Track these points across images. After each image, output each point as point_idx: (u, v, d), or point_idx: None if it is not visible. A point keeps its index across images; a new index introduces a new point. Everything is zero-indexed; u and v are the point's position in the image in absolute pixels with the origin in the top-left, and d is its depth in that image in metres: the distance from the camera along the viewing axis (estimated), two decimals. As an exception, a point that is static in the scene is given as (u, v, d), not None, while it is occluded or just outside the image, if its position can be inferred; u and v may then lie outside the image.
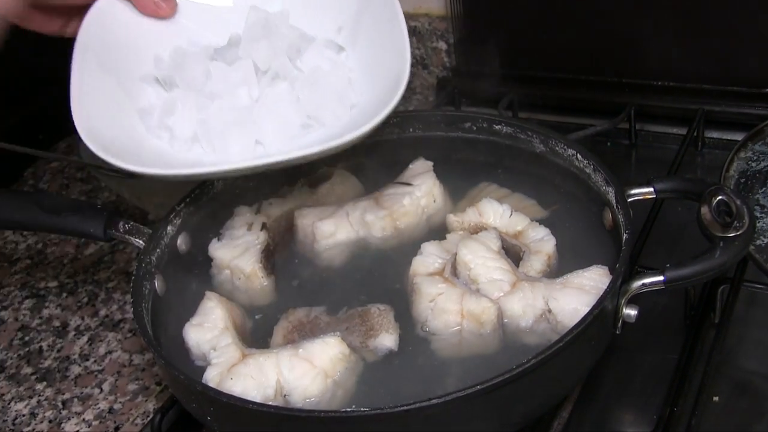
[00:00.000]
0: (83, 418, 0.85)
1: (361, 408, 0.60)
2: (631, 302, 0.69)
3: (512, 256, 0.79)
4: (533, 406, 0.67)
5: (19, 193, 1.06)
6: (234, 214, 0.88)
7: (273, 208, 0.89)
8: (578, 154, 0.84)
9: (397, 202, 0.87)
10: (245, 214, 0.88)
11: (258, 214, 0.88)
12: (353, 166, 0.95)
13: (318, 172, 0.94)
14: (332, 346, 0.70)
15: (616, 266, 0.69)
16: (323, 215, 0.87)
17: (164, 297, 0.80)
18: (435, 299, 0.74)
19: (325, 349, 0.70)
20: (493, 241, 0.78)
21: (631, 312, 0.69)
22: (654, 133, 1.15)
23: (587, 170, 0.83)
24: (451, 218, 0.85)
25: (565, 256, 0.80)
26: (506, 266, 0.76)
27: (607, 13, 1.13)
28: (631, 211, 0.74)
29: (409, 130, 0.95)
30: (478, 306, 0.72)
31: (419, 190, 0.88)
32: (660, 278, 0.68)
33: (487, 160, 0.92)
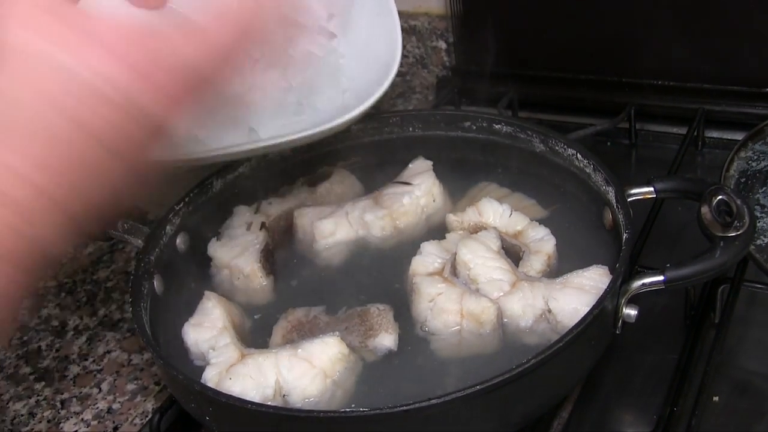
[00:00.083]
0: (82, 418, 0.85)
1: (361, 408, 0.60)
2: (631, 302, 0.69)
3: (512, 256, 0.79)
4: (533, 406, 0.67)
5: (18, 193, 1.06)
6: (233, 214, 0.88)
7: (272, 208, 0.89)
8: (578, 154, 0.83)
9: (396, 202, 0.87)
10: (244, 214, 0.88)
11: (257, 213, 0.88)
12: (353, 165, 0.95)
13: (317, 171, 0.94)
14: (331, 346, 0.70)
15: (616, 266, 0.69)
16: (322, 214, 0.87)
17: (163, 296, 0.79)
18: (434, 299, 0.73)
19: (325, 349, 0.69)
20: (493, 241, 0.78)
21: (631, 312, 0.69)
22: (654, 132, 1.14)
23: (587, 170, 0.83)
24: (451, 218, 0.85)
25: (564, 256, 0.79)
26: (506, 266, 0.76)
27: (608, 13, 1.13)
28: (631, 211, 0.74)
29: (409, 129, 0.94)
30: (477, 306, 0.72)
31: (419, 190, 0.87)
32: (660, 278, 0.68)
33: (487, 159, 0.92)
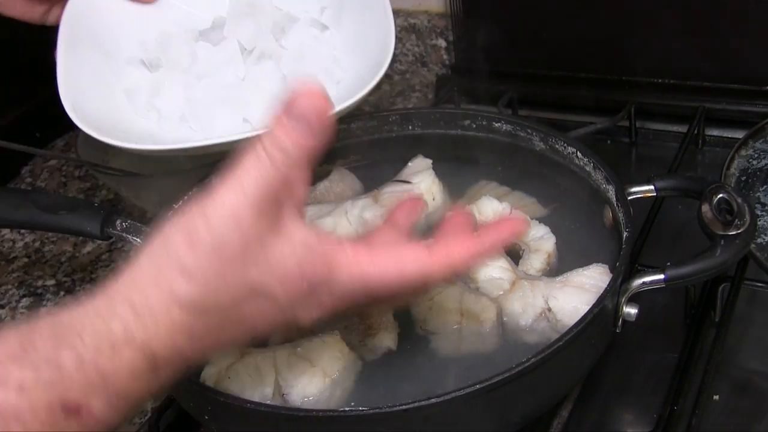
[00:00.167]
0: (81, 417, 0.85)
1: (360, 407, 0.60)
2: (632, 301, 0.68)
3: (512, 255, 0.79)
4: (533, 406, 0.66)
5: (15, 191, 1.05)
6: (232, 212, 0.87)
7: (271, 206, 0.89)
8: (578, 152, 0.83)
9: (396, 200, 0.86)
10: (243, 212, 0.87)
11: (256, 212, 0.88)
12: (352, 163, 0.94)
13: (316, 169, 0.93)
14: (331, 345, 0.69)
15: (617, 265, 0.68)
16: (321, 213, 0.86)
17: (162, 295, 0.79)
18: (434, 298, 0.73)
19: (324, 348, 0.69)
20: (493, 240, 0.78)
21: (632, 311, 0.68)
22: (654, 130, 1.14)
23: (587, 168, 0.82)
24: (451, 216, 0.85)
25: (564, 255, 0.79)
26: (506, 265, 0.76)
27: (608, 11, 1.13)
28: (632, 210, 0.74)
29: (408, 127, 0.94)
30: (477, 305, 0.72)
31: (418, 188, 0.87)
32: (660, 277, 0.68)
33: (487, 158, 0.91)
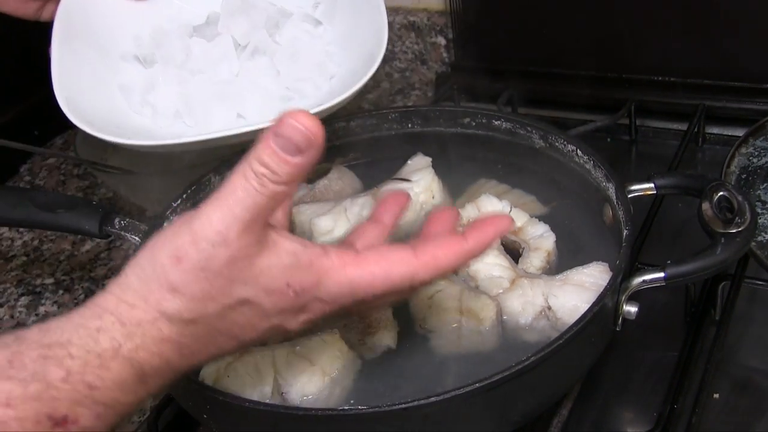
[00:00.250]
0: (79, 416, 0.85)
1: (359, 406, 0.60)
2: (632, 299, 0.68)
3: (511, 253, 0.78)
4: (533, 404, 0.66)
5: (13, 190, 1.05)
6: (231, 211, 0.87)
7: (270, 205, 0.89)
8: (578, 150, 0.83)
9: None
10: (242, 211, 0.87)
11: (255, 210, 0.87)
12: (351, 161, 0.94)
13: (315, 167, 0.93)
14: (330, 344, 0.69)
15: (617, 263, 0.68)
16: (321, 211, 0.86)
17: (160, 294, 0.79)
18: (433, 296, 0.73)
19: (323, 347, 0.69)
20: (492, 238, 0.78)
21: (632, 309, 0.68)
22: (654, 128, 1.14)
23: (587, 166, 0.82)
24: (450, 214, 0.84)
25: (564, 253, 0.79)
26: (505, 263, 0.75)
27: (608, 9, 1.12)
28: (632, 208, 0.74)
29: (408, 125, 0.94)
30: (477, 303, 0.71)
31: (418, 186, 0.87)
32: (661, 275, 0.67)
33: (487, 156, 0.91)
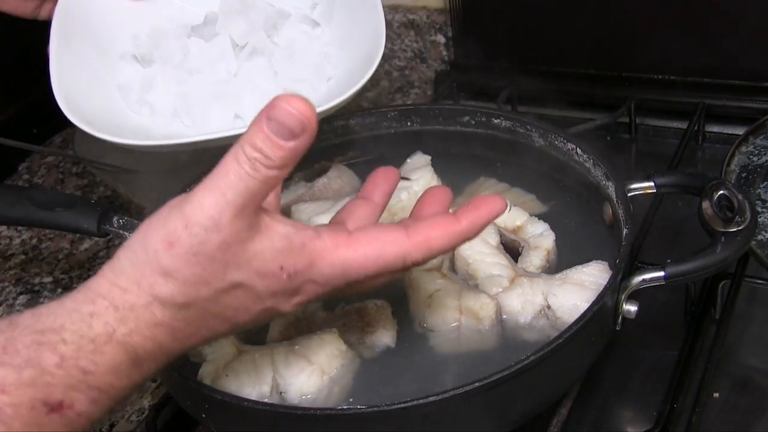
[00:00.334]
0: (78, 415, 0.84)
1: (358, 405, 0.59)
2: (631, 298, 0.68)
3: (511, 252, 0.78)
4: (532, 404, 0.66)
5: (12, 188, 1.05)
6: (230, 209, 0.87)
7: (269, 203, 0.88)
8: (578, 149, 0.83)
9: (394, 197, 0.85)
10: (241, 209, 0.87)
11: (254, 209, 0.87)
12: (350, 160, 0.94)
13: (314, 166, 0.93)
14: (329, 343, 0.69)
15: (617, 262, 0.68)
16: (320, 210, 0.86)
17: (159, 293, 0.79)
18: (433, 295, 0.73)
19: (322, 346, 0.69)
20: (492, 237, 0.77)
21: (631, 308, 0.68)
22: (654, 127, 1.14)
23: (587, 165, 0.82)
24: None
25: (564, 252, 0.79)
26: (505, 262, 0.75)
27: (607, 7, 1.12)
28: (632, 206, 0.73)
29: (407, 124, 0.94)
30: (476, 302, 0.71)
31: (417, 185, 0.87)
32: (661, 274, 0.67)
33: (486, 154, 0.91)
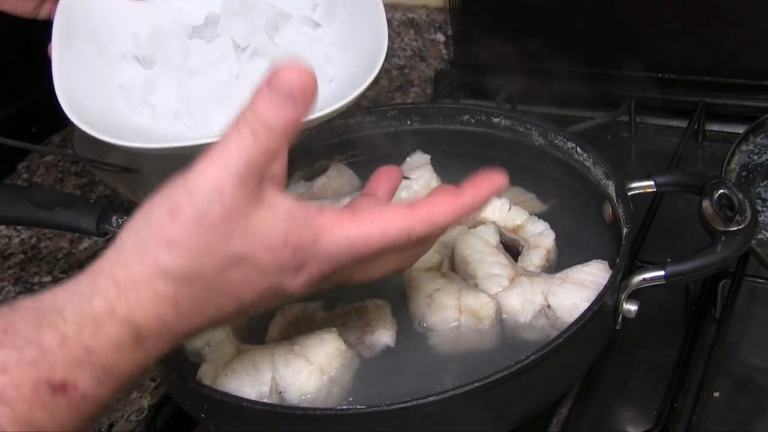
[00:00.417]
0: (77, 415, 0.84)
1: (358, 406, 0.59)
2: (632, 297, 0.68)
3: (511, 251, 0.78)
4: (532, 403, 0.66)
5: (11, 187, 1.05)
6: (229, 209, 0.87)
7: (268, 202, 0.88)
8: (578, 147, 0.83)
9: (394, 196, 0.86)
10: (240, 209, 0.86)
11: (253, 208, 0.87)
12: (350, 159, 0.94)
13: (314, 165, 0.93)
14: (328, 342, 0.69)
15: (617, 261, 0.68)
16: (319, 209, 0.86)
17: (158, 292, 0.79)
18: (432, 294, 0.73)
19: (321, 345, 0.69)
20: (492, 236, 0.77)
21: (632, 307, 0.68)
22: (654, 125, 1.14)
23: (587, 163, 0.82)
24: (449, 212, 0.84)
25: (564, 251, 0.79)
26: (505, 261, 0.75)
27: (607, 5, 1.12)
28: (632, 205, 0.73)
29: (407, 122, 0.94)
30: (476, 301, 0.71)
31: (417, 184, 0.87)
32: (661, 273, 0.67)
33: (486, 153, 0.91)
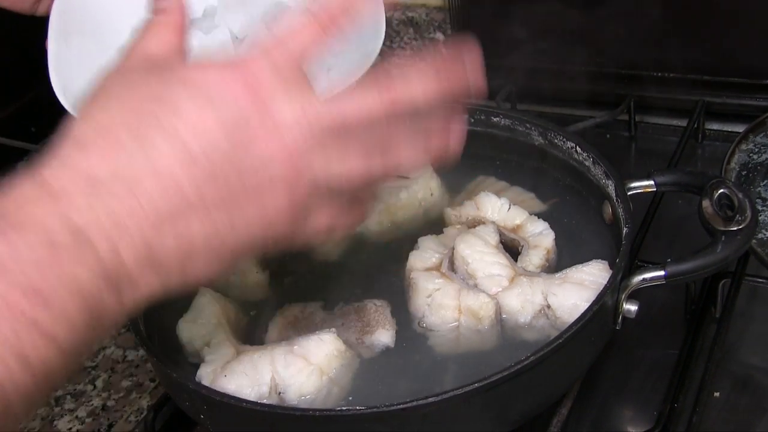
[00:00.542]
0: (76, 416, 0.84)
1: (357, 407, 0.59)
2: (632, 297, 0.68)
3: (510, 251, 0.78)
4: (532, 404, 0.66)
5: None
6: (228, 208, 0.87)
7: (268, 202, 0.88)
8: (577, 147, 0.82)
9: (393, 196, 0.86)
10: (240, 208, 0.86)
11: (253, 208, 0.87)
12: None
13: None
14: (328, 343, 0.69)
15: (617, 261, 0.68)
16: (319, 209, 0.86)
17: (157, 293, 0.78)
18: (432, 294, 0.73)
19: (321, 346, 0.68)
20: (491, 236, 0.77)
21: (632, 307, 0.68)
22: (654, 124, 1.13)
23: (587, 163, 0.82)
24: (449, 212, 0.84)
25: (564, 251, 0.78)
26: (504, 261, 0.75)
27: (607, 4, 1.12)
28: (631, 205, 0.73)
29: (406, 122, 0.93)
30: (476, 301, 0.71)
31: (416, 184, 0.86)
32: (661, 273, 0.67)
33: (485, 152, 0.91)
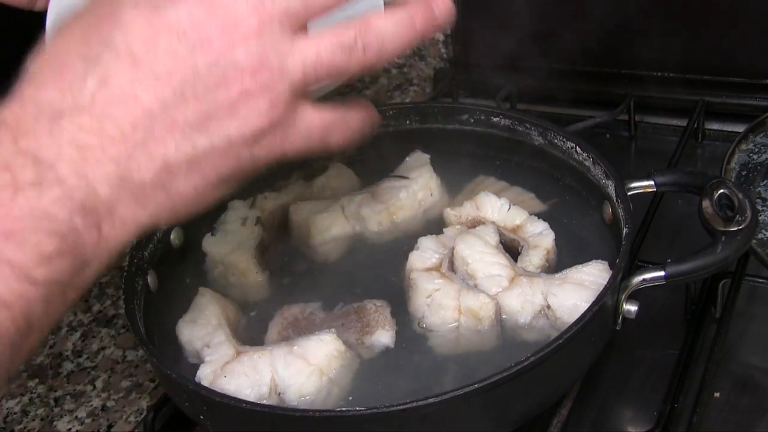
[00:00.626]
0: (76, 416, 0.84)
1: (357, 407, 0.59)
2: (632, 298, 0.68)
3: (510, 251, 0.78)
4: (532, 404, 0.66)
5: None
6: (228, 209, 0.86)
7: (268, 203, 0.88)
8: (577, 147, 0.82)
9: (393, 196, 0.86)
10: (239, 209, 0.86)
11: (252, 208, 0.87)
12: (349, 159, 0.94)
13: (313, 165, 0.93)
14: (327, 343, 0.69)
15: (617, 261, 0.68)
16: (318, 209, 0.86)
17: (157, 293, 0.78)
18: (432, 295, 0.72)
19: (321, 347, 0.68)
20: (491, 236, 0.77)
21: (632, 308, 0.68)
22: (654, 124, 1.13)
23: (586, 163, 0.82)
24: (449, 212, 0.84)
25: (564, 251, 0.78)
26: (504, 261, 0.75)
27: (606, 4, 1.12)
28: (631, 205, 0.73)
29: (406, 122, 0.93)
30: (475, 302, 0.71)
31: (416, 184, 0.86)
32: (661, 273, 0.67)
33: (485, 152, 0.91)
